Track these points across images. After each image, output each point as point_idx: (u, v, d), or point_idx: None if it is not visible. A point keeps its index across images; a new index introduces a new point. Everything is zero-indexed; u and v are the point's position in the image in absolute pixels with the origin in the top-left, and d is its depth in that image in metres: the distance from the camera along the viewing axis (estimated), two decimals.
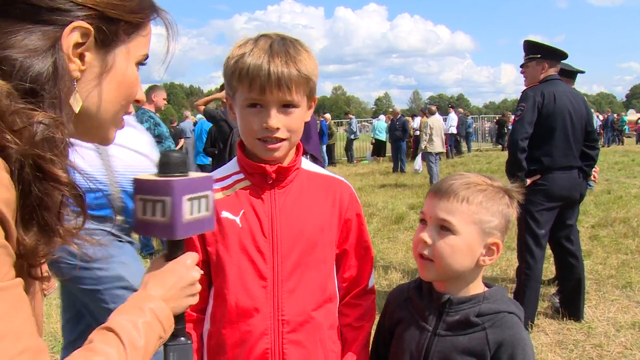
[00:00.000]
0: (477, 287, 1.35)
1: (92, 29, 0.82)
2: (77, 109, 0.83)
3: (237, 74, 1.33)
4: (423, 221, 1.35)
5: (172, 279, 0.98)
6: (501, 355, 1.24)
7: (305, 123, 1.44)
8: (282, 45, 1.34)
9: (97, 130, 0.91)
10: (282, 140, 1.36)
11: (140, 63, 0.94)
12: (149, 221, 0.97)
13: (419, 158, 13.39)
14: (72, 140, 0.82)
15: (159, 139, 6.51)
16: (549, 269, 5.31)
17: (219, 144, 6.05)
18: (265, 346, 1.37)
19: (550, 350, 3.89)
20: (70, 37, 0.80)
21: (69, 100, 0.81)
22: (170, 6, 0.99)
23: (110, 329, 0.85)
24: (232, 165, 1.49)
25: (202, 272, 1.05)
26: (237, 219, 1.38)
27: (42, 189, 0.74)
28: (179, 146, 15.57)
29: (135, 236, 7.42)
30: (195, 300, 1.02)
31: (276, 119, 1.33)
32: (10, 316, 0.67)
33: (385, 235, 7.73)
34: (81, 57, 0.83)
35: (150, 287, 0.97)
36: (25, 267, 0.75)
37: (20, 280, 0.71)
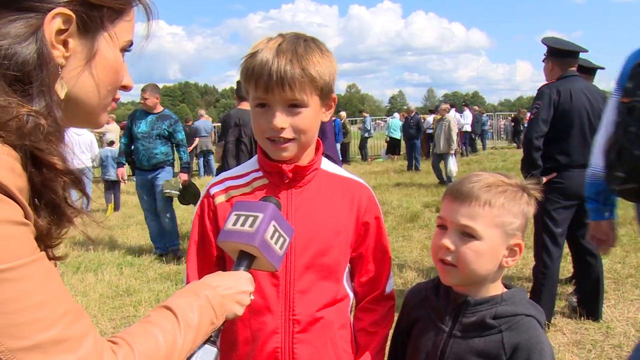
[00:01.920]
0: (496, 288, 1.33)
1: (74, 15, 0.83)
2: (62, 95, 0.84)
3: (245, 73, 1.34)
4: (442, 226, 1.31)
5: (231, 281, 1.10)
6: (517, 359, 1.21)
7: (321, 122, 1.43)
8: (291, 44, 1.32)
9: (86, 115, 0.93)
10: (289, 140, 1.35)
11: (124, 49, 0.95)
12: (235, 230, 1.15)
13: (450, 162, 12.72)
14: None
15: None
16: (565, 267, 5.25)
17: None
18: (275, 345, 1.37)
19: (567, 350, 3.85)
20: (53, 24, 0.81)
21: (54, 87, 0.82)
22: (185, 6, 0.98)
23: (167, 307, 0.95)
24: (252, 163, 1.50)
25: (252, 297, 1.15)
26: None
27: (41, 177, 0.77)
28: (193, 145, 15.70)
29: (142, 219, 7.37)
30: (241, 311, 1.10)
31: (281, 119, 1.32)
32: (48, 284, 0.74)
33: (400, 233, 7.70)
34: (65, 43, 0.84)
35: (210, 279, 1.09)
36: (42, 248, 0.79)
37: (44, 253, 0.77)
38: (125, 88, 0.99)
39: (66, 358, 0.73)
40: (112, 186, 10.83)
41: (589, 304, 4.36)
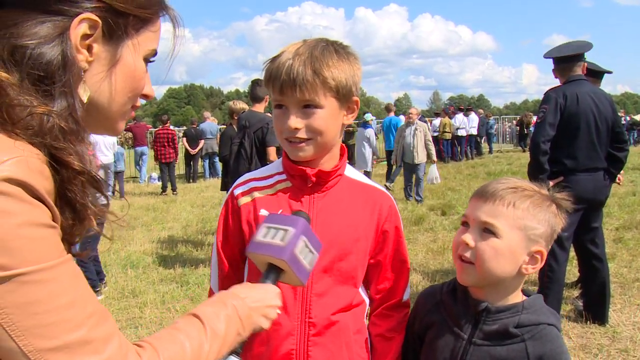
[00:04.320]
0: (516, 296, 1.32)
1: (100, 21, 0.84)
2: (85, 98, 0.86)
3: (265, 76, 1.40)
4: (465, 224, 1.32)
5: (259, 294, 1.09)
6: None
7: None
8: (309, 48, 1.35)
9: (105, 121, 0.94)
10: (305, 140, 1.37)
11: (148, 59, 0.96)
12: (266, 242, 1.16)
13: (434, 168, 11.74)
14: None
15: None
16: (571, 271, 5.23)
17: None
18: (290, 347, 1.38)
19: (574, 355, 3.83)
20: (79, 28, 0.83)
21: (77, 90, 0.83)
22: (192, 8, 1.00)
23: (195, 315, 0.96)
24: (276, 165, 1.52)
25: (279, 312, 1.15)
26: None
27: (60, 176, 0.78)
28: (198, 147, 15.74)
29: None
30: (267, 325, 1.10)
31: (295, 119, 1.34)
32: (75, 286, 0.76)
33: (405, 236, 7.65)
34: (89, 48, 0.85)
35: (238, 290, 1.08)
36: (65, 246, 0.81)
37: (71, 255, 0.79)
38: (146, 97, 1.00)
39: (91, 359, 0.74)
40: (116, 176, 12.16)
41: (595, 308, 4.35)
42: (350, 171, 1.51)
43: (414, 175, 10.72)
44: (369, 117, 13.31)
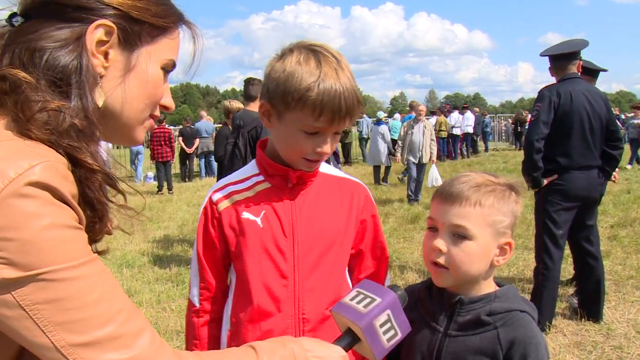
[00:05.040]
0: (488, 287, 1.33)
1: (115, 27, 0.87)
2: (100, 103, 0.88)
3: (303, 99, 1.28)
4: (432, 229, 1.31)
5: (324, 351, 1.07)
6: (513, 354, 1.22)
7: None
8: (346, 71, 1.32)
9: (122, 129, 0.96)
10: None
11: (166, 68, 0.97)
12: (350, 305, 1.14)
13: (435, 170, 10.87)
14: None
15: None
16: (566, 269, 5.25)
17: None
18: None
19: (568, 352, 3.85)
20: (94, 34, 0.86)
21: (93, 94, 0.86)
22: (187, 7, 1.00)
23: (252, 347, 0.98)
24: (251, 167, 1.51)
25: None
26: (258, 220, 1.40)
27: (77, 175, 0.81)
28: (194, 146, 15.71)
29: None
30: None
31: (330, 145, 1.36)
32: (103, 282, 0.79)
33: (401, 235, 7.71)
34: (105, 55, 0.88)
35: (304, 340, 1.09)
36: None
37: (97, 255, 0.83)
38: (165, 108, 1.02)
39: (121, 354, 0.77)
40: None
41: (589, 305, 4.37)
42: (323, 166, 1.52)
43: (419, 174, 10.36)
44: (381, 114, 15.28)
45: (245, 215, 1.41)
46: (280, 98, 1.31)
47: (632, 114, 15.90)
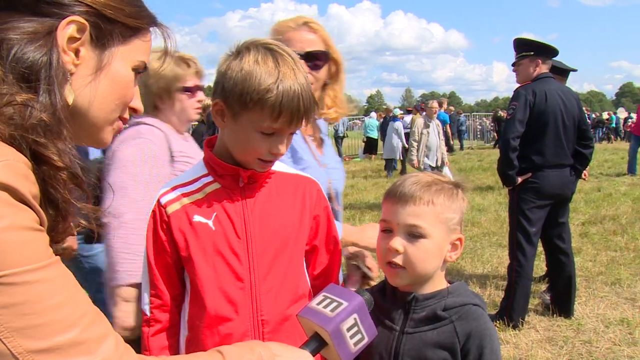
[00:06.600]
0: (440, 283, 1.36)
1: (88, 25, 0.85)
2: (70, 100, 0.85)
3: (262, 100, 1.26)
4: (387, 230, 1.33)
5: (292, 356, 1.08)
6: (470, 345, 1.26)
7: None
8: (302, 70, 1.32)
9: (90, 129, 0.93)
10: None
11: (137, 70, 0.96)
12: (317, 309, 1.15)
13: (448, 172, 9.57)
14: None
15: None
16: (539, 266, 5.35)
17: None
18: None
19: (540, 347, 3.93)
20: (66, 30, 0.83)
21: (63, 91, 0.83)
22: (163, 4, 1.00)
23: (219, 351, 0.97)
24: (199, 168, 1.45)
25: None
26: (210, 222, 1.36)
27: (42, 174, 0.78)
28: None
29: None
30: None
31: (286, 145, 1.35)
32: (64, 285, 0.76)
33: None
34: (76, 52, 0.86)
35: (272, 344, 1.08)
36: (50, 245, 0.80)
37: (59, 258, 0.78)
38: (134, 111, 1.00)
39: (84, 359, 0.74)
40: None
41: (561, 301, 4.46)
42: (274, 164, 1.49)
43: None
44: (397, 112, 16.51)
45: (197, 218, 1.37)
46: (237, 98, 1.28)
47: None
